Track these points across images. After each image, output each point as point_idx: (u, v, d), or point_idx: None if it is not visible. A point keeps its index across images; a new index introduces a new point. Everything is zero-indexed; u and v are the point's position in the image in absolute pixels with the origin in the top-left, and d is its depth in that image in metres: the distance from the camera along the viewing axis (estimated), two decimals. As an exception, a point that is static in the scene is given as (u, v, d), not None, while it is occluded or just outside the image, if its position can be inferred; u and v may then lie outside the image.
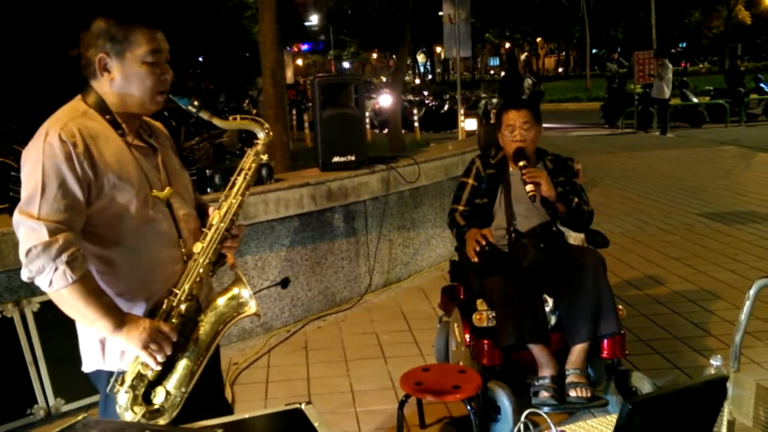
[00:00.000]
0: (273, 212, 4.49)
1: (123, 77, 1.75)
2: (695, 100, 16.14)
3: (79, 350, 1.90)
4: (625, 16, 34.54)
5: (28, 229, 1.62)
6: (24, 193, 1.65)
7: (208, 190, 4.26)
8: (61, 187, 1.64)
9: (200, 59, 26.66)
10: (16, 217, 1.64)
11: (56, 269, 1.61)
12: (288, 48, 26.44)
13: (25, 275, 1.64)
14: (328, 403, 3.53)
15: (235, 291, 1.86)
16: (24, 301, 3.43)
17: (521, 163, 3.23)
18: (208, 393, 1.94)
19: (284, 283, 2.53)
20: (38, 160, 1.64)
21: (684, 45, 40.94)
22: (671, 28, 33.77)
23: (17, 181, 3.64)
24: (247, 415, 1.65)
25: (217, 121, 1.85)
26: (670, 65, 14.55)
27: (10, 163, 6.66)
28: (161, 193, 1.83)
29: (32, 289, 3.47)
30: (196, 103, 1.83)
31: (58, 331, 3.48)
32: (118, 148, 1.76)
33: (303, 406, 1.66)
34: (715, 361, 1.87)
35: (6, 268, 3.38)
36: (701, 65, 41.58)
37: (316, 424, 1.59)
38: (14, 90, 13.61)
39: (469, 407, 2.88)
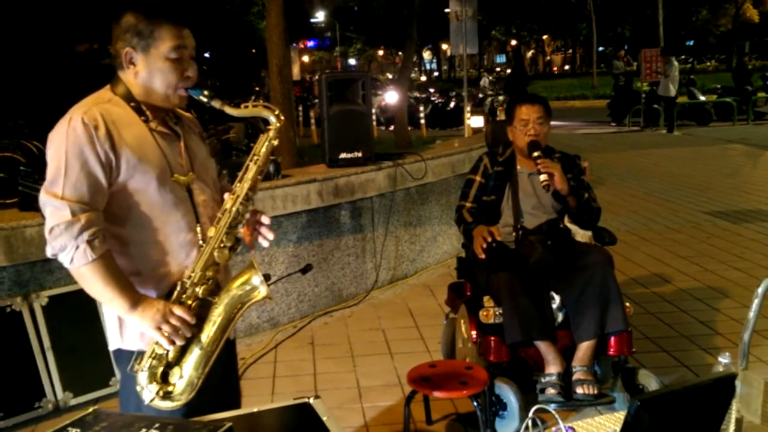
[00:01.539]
0: (280, 208, 4.50)
1: (147, 71, 1.82)
2: (702, 98, 16.08)
3: (87, 344, 1.92)
4: (633, 14, 34.43)
5: (53, 209, 1.69)
6: (49, 174, 1.72)
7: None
8: (83, 168, 1.71)
9: (206, 55, 26.69)
10: (42, 197, 1.71)
11: (77, 247, 1.68)
12: (294, 44, 26.45)
13: (49, 252, 1.71)
14: (334, 399, 3.54)
15: (245, 276, 1.87)
16: (33, 295, 3.45)
17: (536, 154, 3.22)
18: (224, 378, 1.99)
19: (305, 269, 2.52)
20: (62, 143, 1.72)
21: (691, 43, 40.76)
22: (679, 26, 33.63)
23: (26, 176, 3.67)
24: (255, 409, 1.66)
25: (228, 109, 1.88)
26: (676, 63, 14.50)
27: (18, 158, 6.68)
28: (182, 178, 1.87)
29: (41, 283, 3.49)
30: (206, 92, 1.87)
31: (67, 325, 3.51)
32: (139, 131, 1.81)
33: (311, 401, 1.67)
34: (724, 359, 1.86)
35: (14, 262, 3.40)
36: (708, 63, 41.40)
37: (324, 419, 1.60)
38: (22, 86, 13.65)
39: (475, 404, 2.88)
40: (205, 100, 1.87)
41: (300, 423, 1.63)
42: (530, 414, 1.60)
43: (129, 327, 1.84)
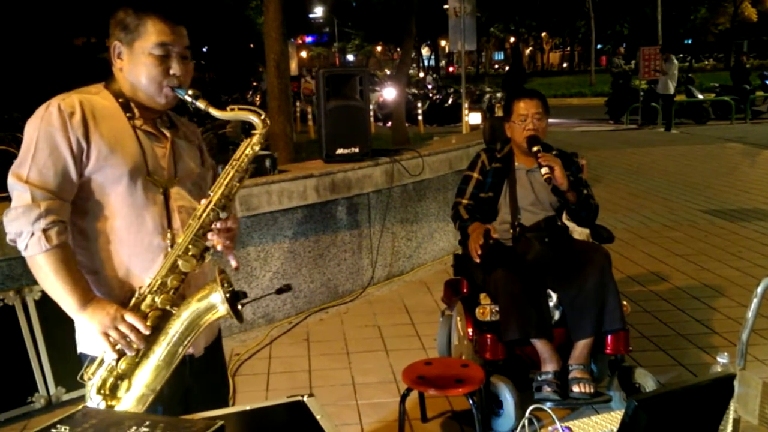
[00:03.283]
0: (276, 203, 4.47)
1: (131, 66, 1.78)
2: (700, 96, 16.07)
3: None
4: (631, 12, 34.40)
5: (18, 193, 1.65)
6: (19, 157, 1.68)
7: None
8: (52, 154, 1.66)
9: (204, 50, 26.61)
10: (9, 179, 1.67)
11: (32, 234, 1.62)
12: (292, 40, 26.38)
13: (7, 237, 1.67)
14: (329, 396, 3.52)
15: (205, 291, 1.72)
16: (26, 289, 3.42)
17: (535, 148, 3.20)
18: (210, 387, 1.93)
19: (281, 290, 2.41)
20: (35, 127, 1.68)
21: (690, 41, 40.77)
22: (677, 25, 33.62)
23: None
24: (248, 407, 1.63)
25: (213, 111, 1.78)
26: (676, 61, 14.48)
27: (13, 151, 6.64)
28: (160, 180, 1.79)
29: (34, 278, 3.46)
30: (191, 92, 1.79)
31: (60, 319, 3.44)
32: (119, 125, 1.76)
33: (305, 399, 1.65)
34: (722, 359, 1.85)
35: (6, 256, 3.37)
36: (707, 62, 41.42)
37: (318, 417, 1.58)
38: (18, 78, 13.59)
39: (471, 401, 2.86)
40: (189, 99, 1.79)
41: (293, 421, 1.60)
42: (527, 413, 1.58)
43: (84, 330, 1.77)
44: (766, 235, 6.14)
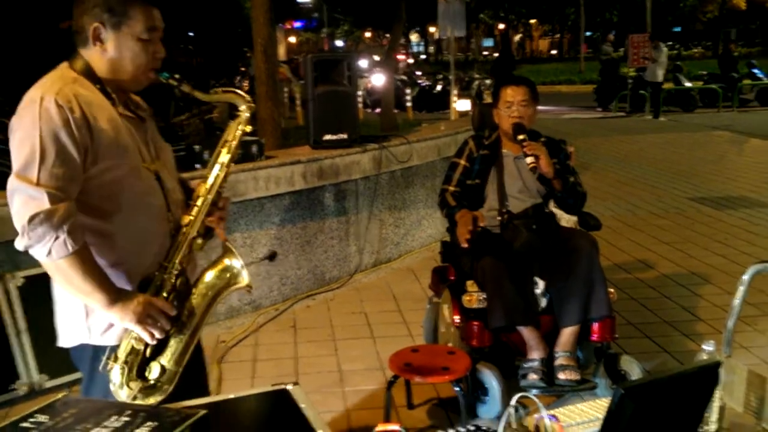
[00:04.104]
0: (263, 189, 4.43)
1: (117, 50, 1.73)
2: (688, 84, 16.10)
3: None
4: (621, -1, 34.38)
5: (27, 197, 1.57)
6: (20, 159, 1.60)
7: (197, 166, 4.19)
8: (59, 153, 1.60)
9: (191, 35, 26.33)
10: (13, 183, 1.59)
11: (57, 238, 1.57)
12: (280, 25, 26.15)
13: (22, 244, 1.60)
14: (315, 383, 3.51)
15: (226, 262, 1.82)
16: (8, 275, 3.37)
17: (521, 137, 3.18)
18: (191, 375, 1.91)
19: (272, 256, 2.47)
20: (34, 126, 1.60)
21: (678, 29, 40.82)
22: (666, 12, 33.64)
23: (3, 154, 3.57)
24: (232, 395, 1.62)
25: (198, 94, 1.81)
26: (665, 49, 14.49)
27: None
28: (151, 165, 1.80)
29: (16, 263, 3.41)
30: (177, 75, 1.80)
31: (43, 306, 3.39)
32: (111, 116, 1.72)
33: (290, 387, 1.63)
34: (708, 347, 1.85)
35: (-12, 242, 3.32)
36: (695, 50, 41.51)
37: (302, 406, 1.56)
38: (1, 62, 13.39)
39: (457, 389, 2.86)
40: (175, 83, 1.80)
41: (276, 410, 1.59)
42: (512, 401, 1.57)
43: (97, 321, 1.75)
44: (752, 223, 6.17)
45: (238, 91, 1.87)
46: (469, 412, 2.99)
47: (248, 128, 1.85)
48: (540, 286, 3.16)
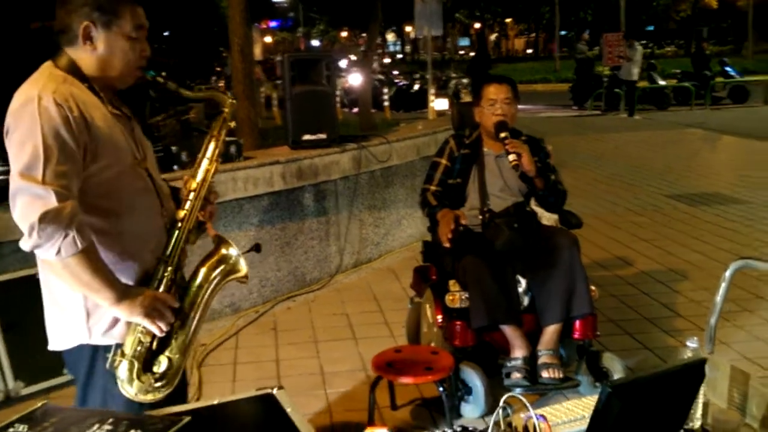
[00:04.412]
0: (242, 190, 4.39)
1: (107, 49, 1.74)
2: (662, 82, 16.29)
3: (39, 332, 1.85)
4: (595, -2, 34.70)
5: (33, 196, 1.56)
6: (22, 159, 1.58)
7: (175, 167, 4.14)
8: (62, 151, 1.60)
9: (166, 34, 26.07)
10: (17, 183, 1.57)
11: (66, 236, 1.57)
12: (256, 24, 26.02)
13: (29, 244, 1.57)
14: (297, 385, 3.48)
15: (223, 252, 1.86)
16: (-19, 281, 3.30)
17: (503, 134, 3.18)
18: None
19: (256, 248, 2.50)
20: (35, 125, 1.59)
21: (652, 28, 41.29)
22: (639, 11, 34.00)
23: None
24: (216, 401, 1.59)
25: (183, 92, 1.88)
26: (640, 47, 14.65)
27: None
28: (142, 162, 1.83)
29: (-10, 269, 3.35)
30: (163, 73, 1.85)
31: (18, 311, 3.36)
32: (104, 115, 1.74)
33: (275, 391, 1.61)
34: (692, 344, 1.86)
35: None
36: (668, 48, 42.02)
37: (288, 410, 1.54)
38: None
39: (441, 389, 2.85)
40: (161, 81, 1.85)
41: (262, 415, 1.57)
42: (501, 402, 1.56)
43: (98, 321, 1.75)
44: (728, 219, 6.25)
45: (220, 89, 1.91)
46: (453, 411, 2.98)
47: (232, 124, 1.92)
48: (522, 284, 3.17)
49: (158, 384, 1.73)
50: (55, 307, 1.80)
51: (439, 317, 3.21)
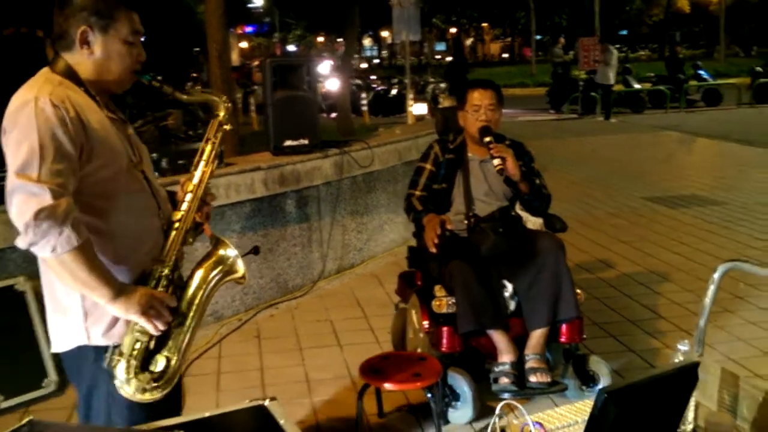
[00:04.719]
0: (223, 197, 4.35)
1: (104, 53, 1.78)
2: (637, 86, 16.49)
3: (17, 344, 1.83)
4: (569, 3, 35.06)
5: (28, 194, 1.57)
6: (18, 158, 1.60)
7: (156, 174, 4.08)
8: (58, 150, 1.62)
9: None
10: (13, 182, 1.59)
11: (61, 233, 1.58)
12: (232, 29, 25.87)
13: (25, 242, 1.59)
14: (282, 394, 3.43)
15: (221, 253, 1.88)
16: (-43, 292, 3.23)
17: (487, 139, 3.18)
18: None
19: (255, 250, 2.52)
20: (31, 125, 1.62)
21: (625, 32, 41.81)
22: (613, 16, 34.43)
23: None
24: (207, 414, 1.56)
25: (179, 96, 1.90)
26: (615, 51, 14.82)
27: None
28: (138, 165, 1.86)
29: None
30: (158, 78, 1.87)
31: (-4, 323, 3.30)
32: (100, 117, 1.77)
33: (267, 403, 1.58)
34: (683, 346, 1.86)
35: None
36: (642, 52, 42.58)
37: (281, 422, 1.52)
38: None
39: (429, 395, 2.84)
40: (157, 85, 1.87)
41: (255, 427, 1.54)
42: (497, 410, 1.55)
43: (97, 322, 1.77)
44: (705, 221, 6.32)
45: (215, 93, 1.98)
46: (441, 418, 2.97)
47: (228, 126, 1.94)
48: (508, 289, 3.17)
49: (156, 383, 1.74)
50: (56, 309, 1.82)
51: (426, 323, 3.20)
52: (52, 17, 1.80)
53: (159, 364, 1.74)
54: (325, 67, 20.51)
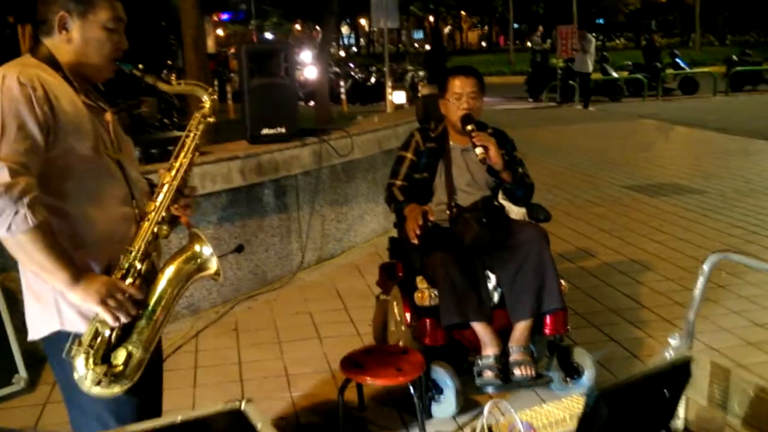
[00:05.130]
0: (198, 187, 4.23)
1: (83, 39, 1.77)
2: (615, 74, 16.54)
3: None
4: (547, -9, 35.08)
5: None
6: None
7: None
8: (21, 129, 1.60)
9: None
10: None
11: (17, 212, 1.55)
12: (207, 17, 25.51)
13: None
14: (261, 389, 3.36)
15: (195, 249, 1.84)
16: None
17: (469, 127, 3.11)
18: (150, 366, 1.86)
19: (239, 249, 2.46)
20: None
21: (602, 21, 41.98)
22: (589, 4, 34.51)
23: None
24: (179, 418, 1.47)
25: (162, 86, 1.87)
26: (593, 39, 14.84)
27: None
28: (113, 154, 1.82)
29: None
30: (140, 66, 1.85)
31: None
32: (73, 100, 1.74)
33: (243, 406, 1.50)
34: (674, 341, 1.82)
35: None
36: (618, 41, 42.79)
37: (258, 426, 1.44)
38: None
39: (412, 390, 2.77)
40: (139, 75, 1.85)
41: (231, 432, 1.46)
42: (485, 410, 1.49)
43: (69, 306, 1.73)
44: (684, 209, 6.33)
45: (200, 83, 1.93)
46: (424, 412, 2.91)
47: (212, 119, 1.89)
48: (492, 280, 3.11)
49: (114, 377, 1.69)
50: (30, 296, 1.80)
51: (408, 315, 3.13)
52: (25, 3, 1.76)
53: (119, 356, 1.70)
54: (306, 55, 20.30)
